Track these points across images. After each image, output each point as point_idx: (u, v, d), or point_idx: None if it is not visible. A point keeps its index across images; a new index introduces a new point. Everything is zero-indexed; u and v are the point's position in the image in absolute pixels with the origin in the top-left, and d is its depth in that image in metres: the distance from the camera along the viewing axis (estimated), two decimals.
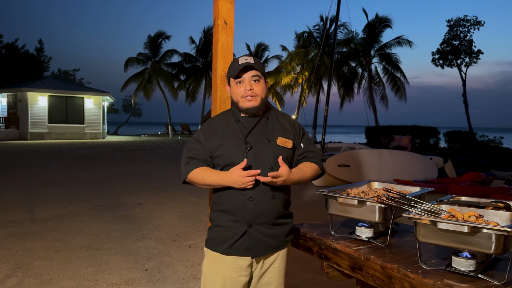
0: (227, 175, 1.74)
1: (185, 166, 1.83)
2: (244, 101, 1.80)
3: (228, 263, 1.81)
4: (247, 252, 1.79)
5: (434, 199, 1.81)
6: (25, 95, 23.26)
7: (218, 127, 1.87)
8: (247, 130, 1.82)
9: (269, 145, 1.81)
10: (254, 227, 1.78)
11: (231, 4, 2.37)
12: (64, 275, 3.72)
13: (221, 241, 1.81)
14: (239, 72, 1.79)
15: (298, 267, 3.95)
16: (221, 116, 1.93)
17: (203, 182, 1.79)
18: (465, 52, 26.51)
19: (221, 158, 1.80)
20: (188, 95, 32.77)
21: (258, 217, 1.77)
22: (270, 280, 1.89)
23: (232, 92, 1.86)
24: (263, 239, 1.80)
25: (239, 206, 1.76)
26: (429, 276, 1.45)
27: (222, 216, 1.82)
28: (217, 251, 1.81)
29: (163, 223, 5.66)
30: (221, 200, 1.83)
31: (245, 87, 1.80)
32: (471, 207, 1.74)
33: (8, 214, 6.03)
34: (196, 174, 1.79)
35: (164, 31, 32.23)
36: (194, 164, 1.81)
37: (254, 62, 1.80)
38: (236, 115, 1.88)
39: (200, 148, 1.84)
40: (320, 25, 28.36)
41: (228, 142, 1.80)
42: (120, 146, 20.34)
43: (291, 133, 1.90)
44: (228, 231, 1.80)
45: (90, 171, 11.02)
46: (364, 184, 2.26)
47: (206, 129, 1.88)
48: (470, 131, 23.61)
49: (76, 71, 54.47)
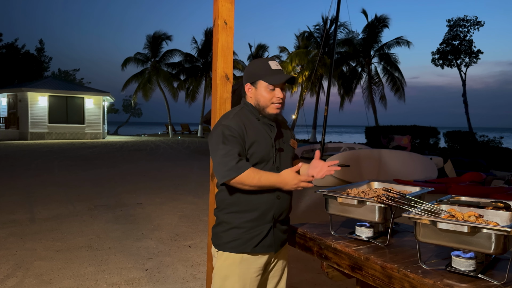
0: (284, 177, 1.76)
1: (236, 163, 1.69)
2: (273, 108, 1.84)
3: (250, 263, 1.83)
4: (270, 248, 1.86)
5: (434, 199, 1.82)
6: (25, 95, 23.26)
7: (246, 124, 1.81)
8: (273, 131, 1.87)
9: (287, 146, 1.93)
10: (276, 224, 1.87)
11: (231, 4, 2.37)
12: (64, 275, 3.73)
13: (243, 242, 1.81)
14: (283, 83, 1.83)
15: (298, 267, 3.95)
16: (241, 113, 1.86)
17: (259, 183, 1.72)
18: (465, 52, 26.50)
19: (253, 157, 1.79)
20: (188, 95, 32.76)
21: (281, 214, 1.86)
22: (275, 273, 1.98)
23: (260, 95, 1.82)
24: (280, 235, 1.91)
25: (267, 205, 1.81)
26: (429, 276, 1.45)
27: (240, 218, 1.81)
28: (241, 251, 1.81)
29: (163, 223, 5.67)
30: (242, 201, 1.80)
31: (278, 95, 1.83)
32: (471, 207, 1.74)
33: (8, 214, 6.03)
34: (251, 174, 1.71)
35: (165, 32, 32.26)
36: (246, 163, 1.72)
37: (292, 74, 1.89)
38: (255, 114, 1.87)
39: (240, 144, 1.75)
40: (320, 25, 28.40)
41: (260, 141, 1.81)
42: (120, 146, 20.34)
43: (293, 135, 2.05)
44: (250, 231, 1.81)
45: (90, 171, 11.02)
46: (364, 184, 2.26)
47: (237, 126, 1.78)
48: (470, 131, 23.62)
49: (76, 71, 54.46)
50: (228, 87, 2.42)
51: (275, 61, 1.86)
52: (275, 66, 1.83)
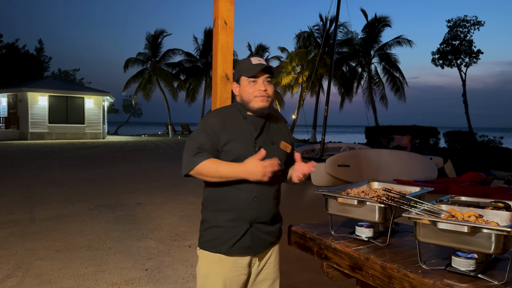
0: (246, 165, 1.69)
1: (193, 157, 1.73)
2: (257, 101, 1.79)
3: (229, 263, 1.80)
4: (249, 250, 1.81)
5: (434, 199, 1.82)
6: (25, 95, 23.27)
7: (226, 121, 1.81)
8: (256, 129, 1.81)
9: (273, 147, 1.84)
10: (255, 226, 1.80)
11: (231, 4, 2.37)
12: (64, 275, 3.73)
13: (221, 242, 1.79)
14: (258, 73, 1.79)
15: (298, 267, 3.95)
16: (226, 110, 1.89)
17: (217, 173, 1.71)
18: (465, 52, 26.50)
19: (229, 154, 1.77)
20: (188, 95, 32.75)
21: (259, 216, 1.79)
22: (267, 276, 1.92)
23: (243, 91, 1.82)
24: (263, 237, 1.83)
25: (244, 205, 1.76)
26: (429, 276, 1.45)
27: (220, 216, 1.80)
28: (217, 252, 1.80)
29: (163, 223, 5.67)
30: (221, 199, 1.80)
31: (259, 87, 1.79)
32: (471, 207, 1.74)
33: (8, 214, 6.03)
34: (208, 165, 1.71)
35: (164, 29, 32.17)
36: (204, 155, 1.73)
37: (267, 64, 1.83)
38: (242, 112, 1.85)
39: (208, 139, 1.76)
40: (320, 25, 28.38)
41: (238, 139, 1.78)
42: (120, 146, 20.34)
43: (289, 139, 1.95)
44: (228, 231, 1.78)
45: (90, 171, 11.02)
46: (364, 184, 2.26)
47: (214, 121, 1.81)
48: (470, 131, 23.61)
49: (76, 71, 54.52)
50: (228, 87, 2.42)
51: (257, 57, 1.84)
52: (256, 61, 1.81)
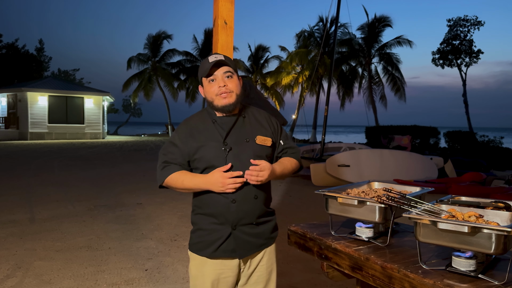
0: (209, 177, 1.71)
1: (161, 170, 1.79)
2: (220, 99, 1.74)
3: (215, 265, 1.79)
4: (234, 253, 1.78)
5: (434, 199, 1.81)
6: (25, 95, 23.27)
7: (194, 129, 1.81)
8: (225, 130, 1.77)
9: (248, 144, 1.77)
10: (238, 229, 1.77)
11: (231, 4, 2.37)
12: (64, 275, 3.72)
13: (205, 245, 1.78)
14: (211, 69, 1.74)
15: (298, 267, 3.95)
16: (196, 117, 1.87)
17: (183, 186, 1.75)
18: (465, 52, 26.50)
19: (200, 161, 1.76)
20: (188, 95, 32.76)
21: (241, 218, 1.76)
22: (259, 279, 1.88)
23: (206, 92, 1.79)
24: (248, 239, 1.79)
25: (222, 209, 1.74)
26: (429, 276, 1.45)
27: (204, 219, 1.80)
28: (203, 255, 1.79)
29: (163, 223, 5.66)
30: (202, 204, 1.80)
31: (218, 84, 1.74)
32: (471, 207, 1.74)
33: (8, 214, 6.03)
34: (174, 178, 1.76)
35: (164, 31, 32.24)
36: (171, 169, 1.77)
37: (224, 58, 1.76)
38: (211, 115, 1.82)
39: (176, 152, 1.78)
40: (320, 25, 28.37)
41: (207, 144, 1.75)
42: (120, 146, 20.34)
43: (269, 131, 1.87)
44: (212, 234, 1.78)
45: (90, 171, 11.02)
46: (364, 184, 2.25)
47: (182, 131, 1.82)
48: (470, 131, 23.60)
49: (76, 71, 54.50)
50: None
51: (214, 54, 1.78)
52: (213, 58, 1.75)
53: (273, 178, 1.79)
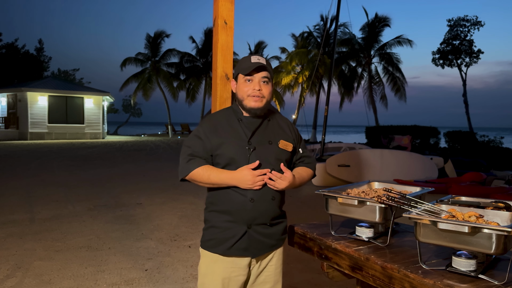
0: (237, 174, 1.73)
1: (186, 163, 1.79)
2: (250, 100, 1.79)
3: (227, 263, 1.80)
4: (246, 252, 1.80)
5: (434, 199, 1.81)
6: (25, 95, 23.26)
7: (219, 125, 1.84)
8: (251, 131, 1.81)
9: (270, 147, 1.82)
10: (253, 228, 1.79)
11: (231, 4, 2.37)
12: (64, 275, 3.72)
13: (218, 242, 1.80)
14: (252, 71, 1.78)
15: (298, 267, 3.95)
16: (222, 113, 1.91)
17: (209, 180, 1.76)
18: (465, 52, 26.51)
19: (222, 157, 1.78)
20: (188, 95, 32.74)
21: (256, 218, 1.78)
22: (267, 278, 1.91)
23: (238, 89, 1.83)
24: (261, 239, 1.82)
25: (239, 207, 1.76)
26: (429, 276, 1.45)
27: (218, 217, 1.81)
28: (215, 252, 1.81)
29: (163, 223, 5.66)
30: (218, 201, 1.81)
31: (254, 86, 1.78)
32: (471, 207, 1.74)
33: (8, 214, 6.03)
34: (200, 173, 1.76)
35: (164, 30, 32.19)
36: (196, 162, 1.77)
37: (266, 63, 1.81)
38: (237, 113, 1.86)
39: (200, 145, 1.80)
40: (320, 25, 28.37)
41: (230, 141, 1.78)
42: (120, 146, 20.33)
43: (291, 137, 1.92)
44: (225, 232, 1.79)
45: (90, 171, 11.02)
46: (364, 184, 2.25)
47: (206, 126, 1.84)
48: (471, 131, 23.61)
49: (76, 71, 54.49)
50: (228, 87, 2.42)
51: (258, 56, 1.83)
52: (255, 59, 1.79)
53: (288, 189, 1.82)
